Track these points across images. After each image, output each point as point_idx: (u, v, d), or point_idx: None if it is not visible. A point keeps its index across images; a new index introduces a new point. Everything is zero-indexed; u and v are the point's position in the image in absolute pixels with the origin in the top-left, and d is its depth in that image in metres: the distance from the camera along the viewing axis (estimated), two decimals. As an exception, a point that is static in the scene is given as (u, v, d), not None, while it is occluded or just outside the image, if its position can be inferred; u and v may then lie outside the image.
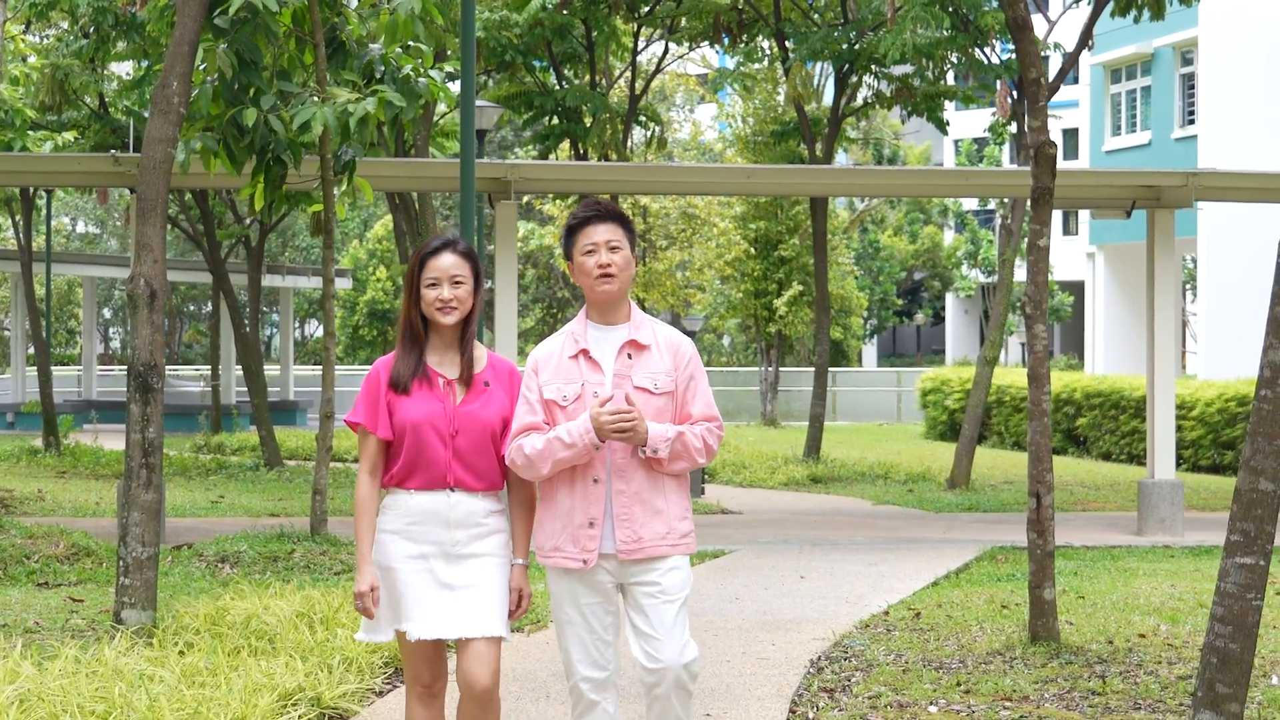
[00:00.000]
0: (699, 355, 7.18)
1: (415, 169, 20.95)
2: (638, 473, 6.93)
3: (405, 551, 6.93)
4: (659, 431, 6.88)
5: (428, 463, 6.94)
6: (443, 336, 7.05)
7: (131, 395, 10.95)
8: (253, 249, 32.76)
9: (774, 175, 23.47)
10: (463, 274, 6.98)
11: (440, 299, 6.95)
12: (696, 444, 6.97)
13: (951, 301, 73.43)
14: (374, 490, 7.04)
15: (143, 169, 10.98)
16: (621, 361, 6.98)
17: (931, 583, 15.27)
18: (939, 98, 27.96)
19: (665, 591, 6.94)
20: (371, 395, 7.03)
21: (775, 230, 45.36)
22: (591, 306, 7.09)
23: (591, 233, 7.00)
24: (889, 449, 35.11)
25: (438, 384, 7.00)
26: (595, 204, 7.11)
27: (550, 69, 30.60)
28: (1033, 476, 11.27)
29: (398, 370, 7.02)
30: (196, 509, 21.35)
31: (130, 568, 10.98)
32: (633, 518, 6.93)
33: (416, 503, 6.95)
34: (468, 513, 6.95)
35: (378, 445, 7.02)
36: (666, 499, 6.98)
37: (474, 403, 7.01)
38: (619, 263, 6.98)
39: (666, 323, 7.46)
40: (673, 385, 7.01)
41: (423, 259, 7.03)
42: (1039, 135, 11.19)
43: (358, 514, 7.01)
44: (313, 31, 15.42)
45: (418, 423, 6.92)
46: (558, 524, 6.97)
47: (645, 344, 7.01)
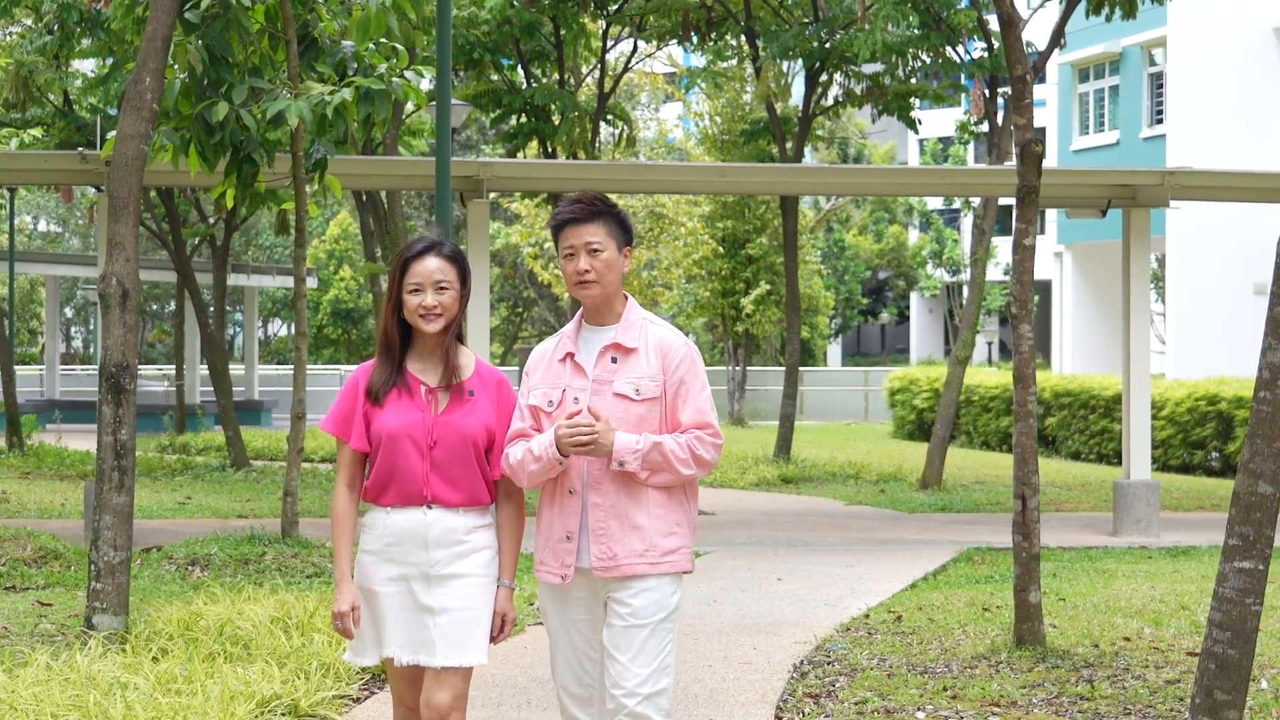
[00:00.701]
0: (698, 357, 6.71)
1: (387, 167, 20.75)
2: (612, 485, 6.52)
3: (385, 574, 6.57)
4: (626, 443, 6.44)
5: (403, 476, 6.54)
6: (426, 342, 6.65)
7: (103, 396, 10.75)
8: (218, 248, 32.48)
9: (749, 174, 23.33)
10: (448, 279, 6.58)
11: (423, 306, 6.53)
12: (680, 454, 6.50)
13: (916, 301, 73.48)
14: (352, 504, 6.67)
15: (114, 166, 10.79)
16: (603, 365, 6.60)
17: (910, 585, 15.15)
18: (910, 96, 27.85)
19: (635, 614, 6.51)
20: (348, 404, 6.68)
21: (743, 229, 45.27)
22: (584, 308, 6.73)
23: (571, 234, 6.59)
24: (858, 448, 35.01)
25: (418, 392, 6.60)
26: (577, 201, 6.64)
27: (518, 67, 30.43)
28: (1018, 478, 11.12)
29: (373, 380, 6.64)
30: (164, 510, 21.12)
31: (102, 572, 10.78)
32: (608, 533, 6.52)
33: (393, 522, 6.55)
34: (446, 530, 6.53)
35: (354, 456, 6.66)
36: (649, 514, 6.53)
37: (455, 412, 6.60)
38: (599, 267, 6.55)
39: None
40: (658, 391, 6.57)
41: (405, 262, 6.62)
42: (1025, 133, 11.06)
43: (335, 529, 6.63)
44: (285, 28, 15.22)
45: (394, 433, 6.53)
46: (541, 537, 6.67)
47: (631, 347, 6.59)
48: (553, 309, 54.97)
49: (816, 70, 27.89)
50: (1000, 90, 26.10)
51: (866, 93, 28.07)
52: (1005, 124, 25.37)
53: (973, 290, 25.31)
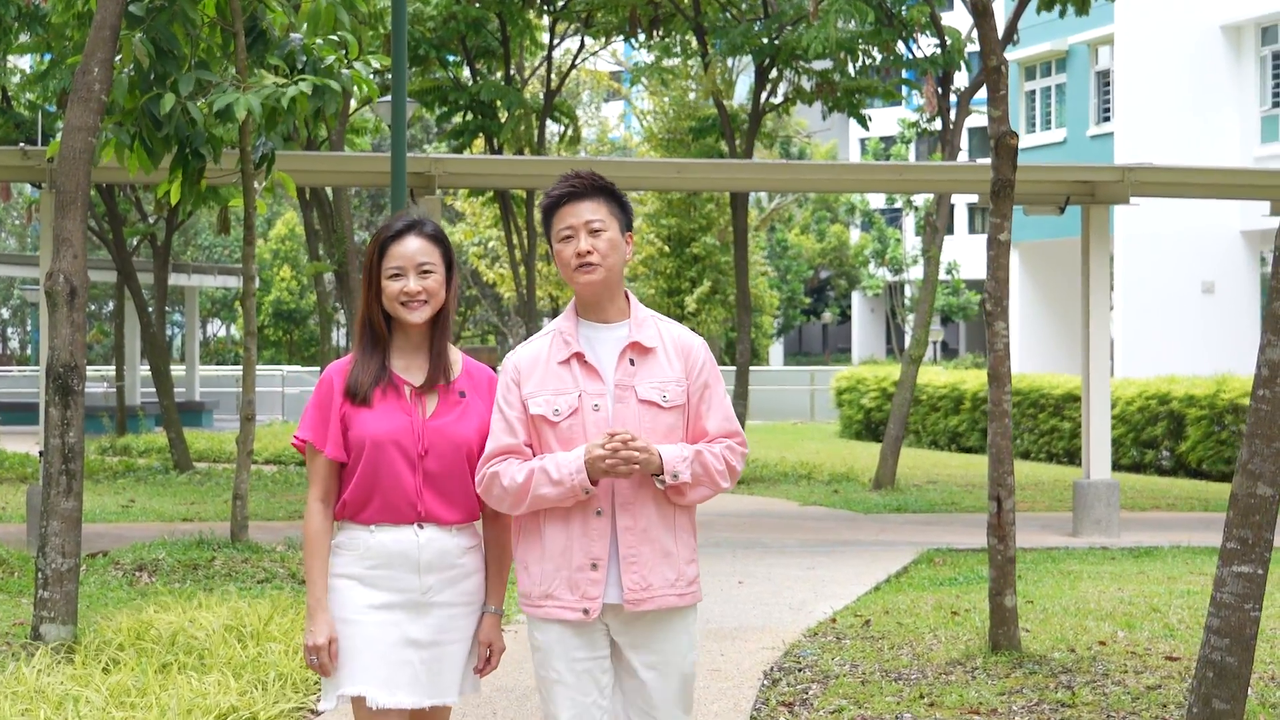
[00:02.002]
0: (713, 357, 5.98)
1: (338, 163, 20.40)
2: (648, 505, 5.75)
3: (367, 601, 5.78)
4: (674, 453, 5.68)
5: (390, 489, 5.77)
6: (409, 337, 5.89)
7: (50, 398, 10.39)
8: (159, 247, 32.04)
9: (705, 170, 23.03)
10: (432, 261, 5.82)
11: (406, 292, 5.78)
12: (718, 465, 5.76)
13: (858, 300, 73.42)
14: (327, 521, 5.86)
15: (61, 159, 10.43)
16: (624, 368, 5.77)
17: (873, 587, 14.89)
18: (859, 93, 27.62)
19: (667, 658, 5.82)
20: (322, 406, 5.86)
21: (689, 228, 45.04)
22: (580, 300, 5.89)
23: (568, 213, 5.78)
24: (807, 448, 34.81)
25: (404, 394, 5.84)
26: (575, 176, 5.84)
27: (464, 63, 30.12)
28: (993, 479, 10.87)
29: (356, 376, 5.83)
30: (107, 514, 20.70)
31: (50, 580, 10.42)
32: (640, 560, 5.73)
33: (379, 542, 5.78)
34: (441, 552, 5.80)
35: (329, 467, 5.84)
36: (676, 538, 5.81)
37: (447, 415, 5.85)
38: (602, 248, 5.74)
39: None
40: (684, 397, 5.82)
41: (383, 245, 5.86)
42: (1000, 125, 10.80)
43: (308, 550, 5.83)
44: (233, 19, 14.86)
45: (379, 440, 5.75)
46: (550, 565, 5.74)
47: (650, 346, 5.81)
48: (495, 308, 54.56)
49: (766, 66, 27.64)
50: (953, 87, 25.91)
51: (816, 89, 27.83)
52: (958, 121, 25.18)
53: (926, 288, 25.10)
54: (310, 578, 5.81)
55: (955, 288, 63.43)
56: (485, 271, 48.51)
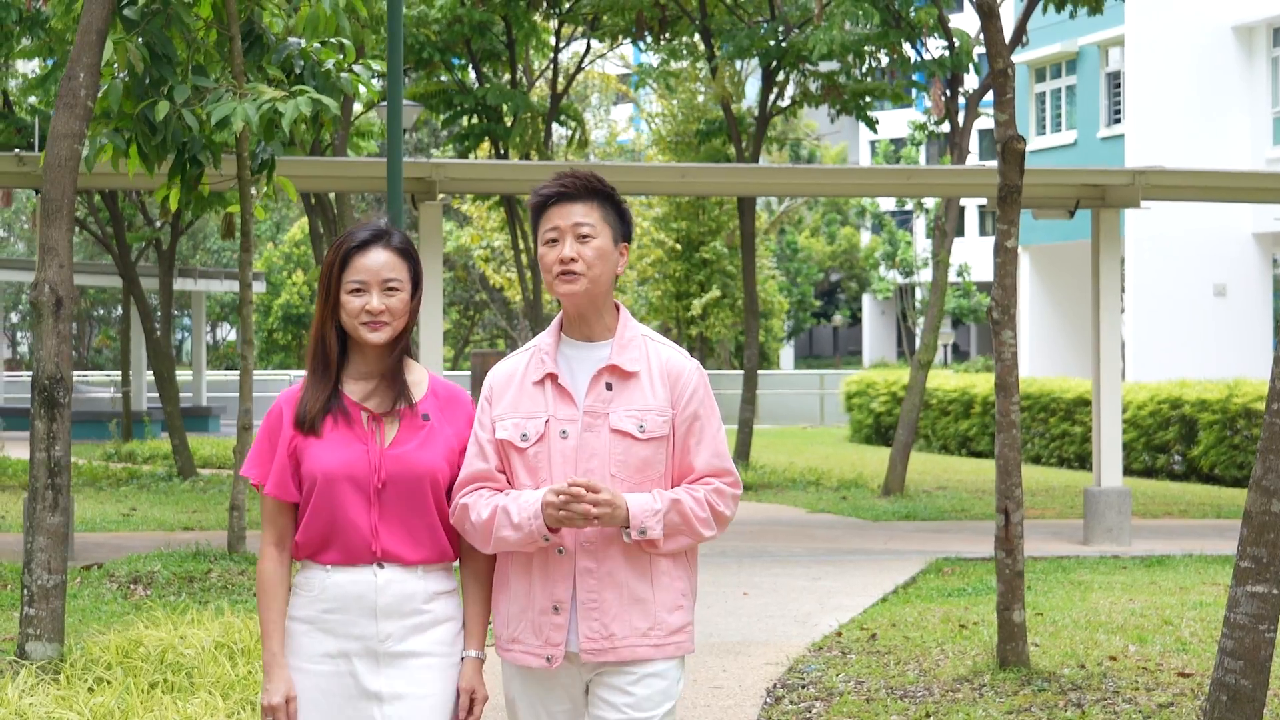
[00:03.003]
0: (708, 384, 5.35)
1: (337, 169, 20.18)
2: (611, 547, 5.16)
3: (320, 648, 5.19)
4: (644, 505, 5.09)
5: (345, 528, 5.18)
6: (366, 358, 5.31)
7: (36, 410, 10.16)
8: (164, 252, 31.85)
9: (710, 175, 22.81)
10: (398, 277, 5.25)
11: (368, 310, 5.21)
12: (700, 512, 5.17)
13: (868, 303, 73.17)
14: (283, 568, 5.27)
15: (47, 167, 10.21)
16: (597, 393, 5.20)
17: (881, 599, 14.65)
18: (867, 96, 27.40)
19: (637, 707, 5.18)
20: (269, 441, 5.28)
21: (697, 232, 44.82)
22: (564, 314, 5.34)
23: (556, 214, 5.25)
24: (817, 453, 34.56)
25: (359, 421, 5.24)
26: (570, 175, 5.30)
27: (469, 67, 29.91)
28: (1000, 491, 10.62)
29: (305, 404, 5.25)
30: (107, 523, 20.49)
31: (35, 596, 10.19)
32: (602, 606, 5.15)
33: (335, 583, 5.18)
34: (402, 596, 5.19)
35: (278, 507, 5.27)
36: (653, 583, 5.19)
37: (408, 443, 5.24)
38: (588, 256, 5.19)
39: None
40: (667, 428, 5.21)
41: (345, 255, 5.26)
42: (1007, 129, 10.55)
43: (262, 600, 5.24)
44: (229, 24, 14.65)
45: (331, 474, 5.17)
46: (515, 608, 5.24)
47: (631, 370, 5.22)
48: (504, 312, 54.39)
49: (773, 69, 27.42)
50: (961, 89, 25.68)
51: (823, 92, 27.62)
52: (966, 124, 24.96)
53: (935, 292, 24.84)
54: (265, 630, 5.23)
55: (966, 290, 63.20)
56: (492, 275, 48.30)
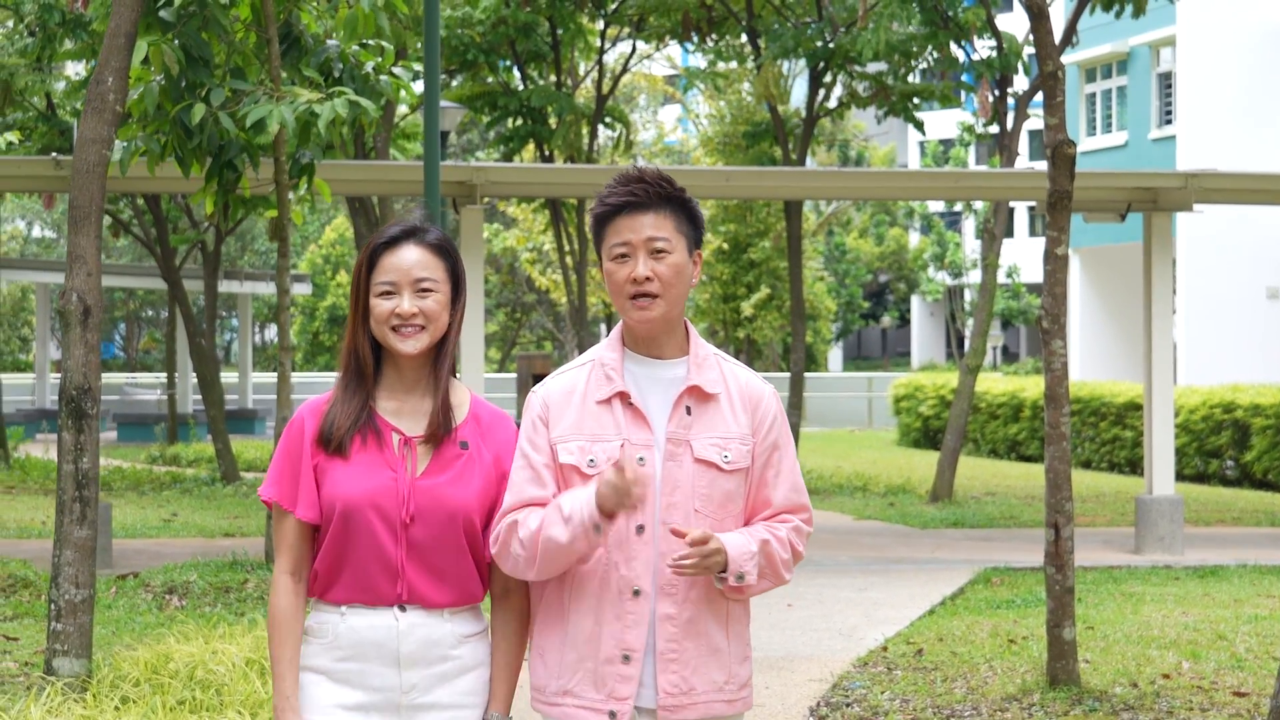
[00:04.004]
0: (784, 410, 4.83)
1: (376, 172, 19.99)
2: (697, 589, 4.61)
3: (334, 699, 4.64)
4: (740, 548, 4.55)
5: (364, 563, 4.62)
6: (402, 372, 4.72)
7: (63, 422, 9.97)
8: (209, 254, 31.74)
9: (755, 178, 22.55)
10: (432, 277, 4.66)
11: (398, 314, 4.62)
12: (783, 554, 4.66)
13: (917, 304, 72.76)
14: (299, 599, 4.71)
15: (75, 173, 10.01)
16: (679, 418, 4.64)
17: (928, 610, 14.38)
18: (915, 97, 27.10)
19: None
20: (291, 456, 4.70)
21: (745, 234, 44.56)
22: (628, 330, 4.75)
23: (625, 227, 4.61)
24: (864, 458, 34.24)
25: (390, 444, 4.67)
26: (638, 179, 4.63)
27: (514, 68, 29.69)
28: (1050, 505, 10.34)
29: (332, 419, 4.67)
30: (148, 528, 20.35)
31: (63, 611, 9.98)
32: (683, 657, 4.60)
33: (350, 628, 4.63)
34: (428, 642, 4.63)
35: (300, 531, 4.69)
36: (728, 631, 4.68)
37: (442, 474, 4.66)
38: (665, 275, 4.59)
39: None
40: (748, 458, 4.66)
41: (373, 254, 4.70)
42: (1057, 134, 10.27)
43: (275, 635, 4.67)
44: (266, 26, 14.44)
45: (355, 502, 4.59)
46: (572, 655, 4.62)
47: (713, 393, 4.67)
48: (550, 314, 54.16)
49: (820, 70, 27.14)
50: (1010, 90, 25.37)
51: (871, 93, 27.34)
52: (1015, 126, 24.64)
53: (983, 296, 24.54)
54: (277, 670, 4.69)
55: (1016, 291, 62.73)
56: (538, 278, 48.10)
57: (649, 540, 4.59)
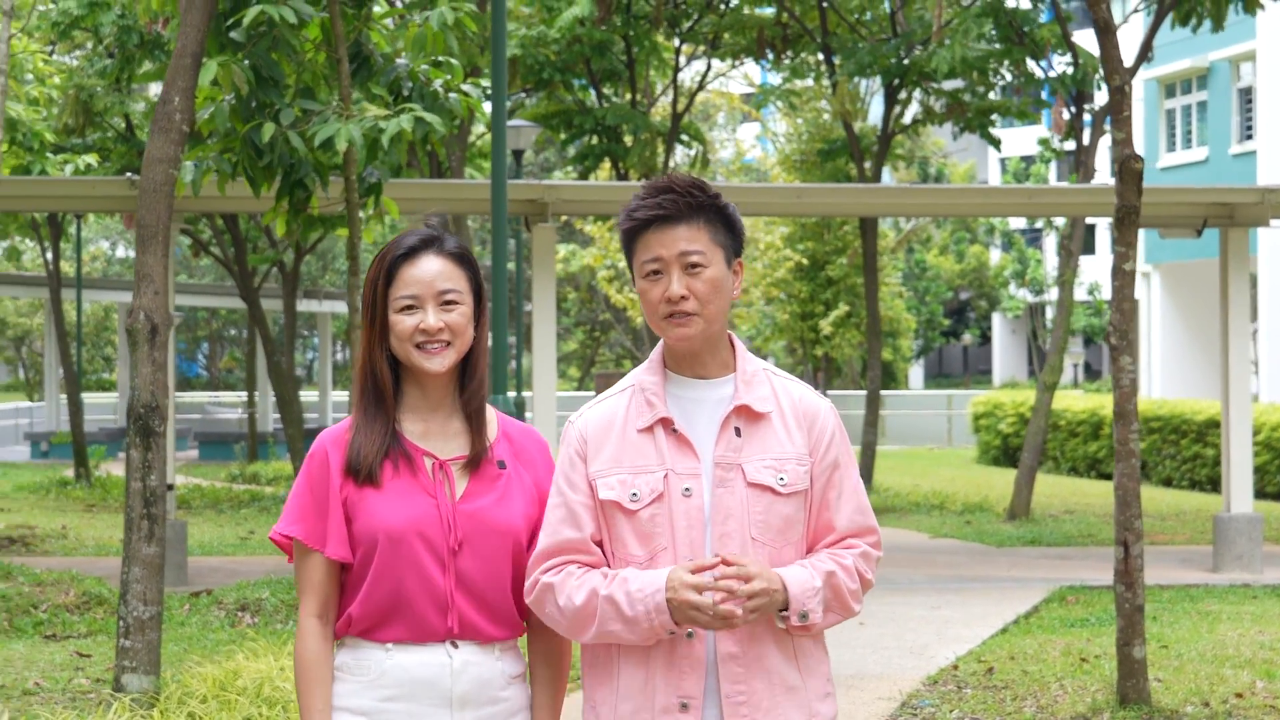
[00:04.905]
0: (843, 427, 4.42)
1: (446, 190, 20.03)
2: (758, 626, 4.19)
3: None
4: (803, 583, 4.16)
5: (413, 599, 4.26)
6: (426, 392, 4.39)
7: (131, 439, 10.02)
8: (288, 274, 31.94)
9: (826, 195, 22.52)
10: (456, 288, 4.32)
11: (423, 330, 4.29)
12: (851, 584, 4.26)
13: (998, 321, 72.48)
14: (328, 644, 4.33)
15: (142, 193, 10.09)
16: (727, 440, 4.26)
17: (1001, 629, 14.28)
18: (991, 113, 27.00)
19: None
20: (315, 490, 4.34)
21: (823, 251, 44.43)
22: (668, 350, 4.38)
23: (656, 242, 4.25)
24: (942, 476, 34.08)
25: (423, 468, 4.33)
26: (668, 189, 4.26)
27: (590, 87, 29.74)
28: (1119, 523, 10.26)
29: (358, 447, 4.31)
30: (225, 546, 20.47)
31: (131, 628, 10.04)
32: (753, 700, 4.19)
33: (398, 665, 4.26)
34: (480, 681, 4.28)
35: (327, 570, 4.32)
36: (801, 666, 4.27)
37: (485, 496, 4.33)
38: (701, 291, 4.22)
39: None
40: (806, 479, 4.28)
41: (390, 267, 4.34)
42: (1124, 148, 10.20)
43: (304, 683, 4.29)
44: (335, 45, 14.50)
45: (397, 532, 4.25)
46: (626, 707, 4.22)
47: (763, 411, 4.28)
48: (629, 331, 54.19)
49: (895, 87, 27.08)
50: (1085, 106, 25.23)
51: (946, 110, 27.26)
52: (1091, 142, 24.50)
53: (1060, 313, 24.41)
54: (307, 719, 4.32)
55: (1098, 308, 62.38)
56: (615, 296, 48.14)
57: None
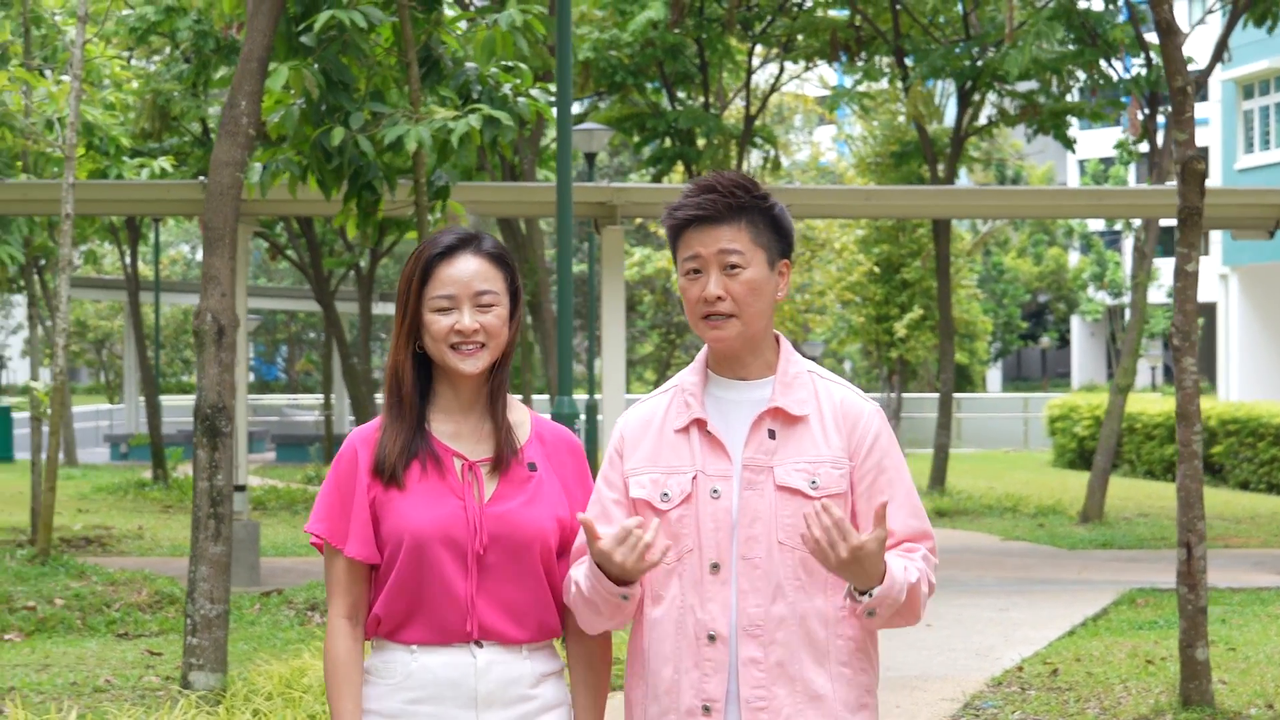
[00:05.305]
0: (891, 430, 4.30)
1: (513, 194, 20.15)
2: (788, 627, 4.11)
3: None
4: (897, 578, 4.02)
5: (437, 600, 4.21)
6: (458, 392, 4.32)
7: (198, 439, 10.15)
8: (363, 277, 32.13)
9: (894, 197, 22.55)
10: (493, 289, 4.25)
11: (459, 330, 4.22)
12: (924, 589, 4.12)
13: (1077, 324, 72.11)
14: (357, 645, 4.29)
15: (209, 196, 10.20)
16: (758, 442, 4.17)
17: (1068, 631, 14.25)
18: (1065, 115, 26.91)
19: None
20: (342, 489, 4.30)
21: (898, 254, 44.36)
22: (713, 352, 4.31)
23: (696, 240, 4.18)
24: (1017, 478, 33.95)
25: (452, 470, 4.26)
26: (711, 188, 4.17)
27: (663, 90, 29.80)
28: (1182, 524, 10.23)
29: (385, 448, 4.26)
30: (297, 547, 20.62)
31: (198, 626, 10.17)
32: (773, 706, 4.09)
33: (423, 667, 4.22)
34: (506, 680, 4.22)
35: (354, 572, 4.27)
36: (832, 674, 4.13)
37: (513, 499, 4.26)
38: (739, 293, 4.14)
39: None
40: (844, 483, 4.17)
41: (426, 265, 4.26)
42: (1186, 150, 10.18)
43: (333, 684, 4.26)
44: (405, 49, 14.61)
45: (424, 534, 4.19)
46: (655, 708, 4.20)
47: (799, 414, 4.18)
48: (705, 335, 54.15)
49: (968, 89, 27.02)
50: (1160, 108, 25.12)
51: (1020, 112, 27.18)
52: (1166, 143, 24.39)
53: (1134, 315, 24.31)
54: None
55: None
56: (689, 300, 48.19)
57: (726, 580, 4.13)
